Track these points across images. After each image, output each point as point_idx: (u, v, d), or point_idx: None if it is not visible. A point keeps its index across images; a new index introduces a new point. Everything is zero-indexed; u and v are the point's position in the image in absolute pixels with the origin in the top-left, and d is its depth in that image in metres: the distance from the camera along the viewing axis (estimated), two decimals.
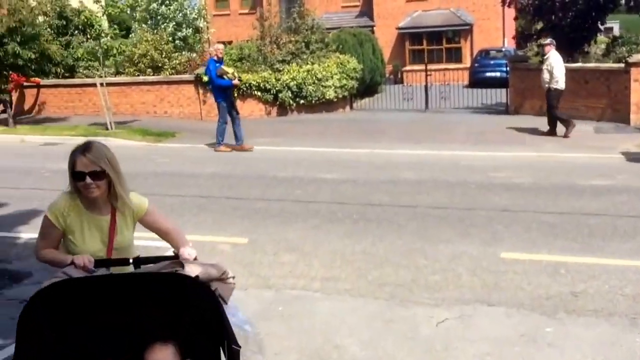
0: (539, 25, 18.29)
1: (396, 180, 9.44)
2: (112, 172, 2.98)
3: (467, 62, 30.15)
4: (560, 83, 12.95)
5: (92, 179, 2.94)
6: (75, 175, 2.97)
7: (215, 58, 11.97)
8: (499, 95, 18.48)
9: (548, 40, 13.88)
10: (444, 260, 5.96)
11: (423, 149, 12.11)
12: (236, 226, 7.24)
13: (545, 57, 13.32)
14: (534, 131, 13.66)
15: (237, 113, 12.26)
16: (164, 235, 3.20)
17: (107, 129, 14.79)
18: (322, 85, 17.69)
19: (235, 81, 11.99)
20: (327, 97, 17.80)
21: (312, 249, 6.42)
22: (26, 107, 19.01)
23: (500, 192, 8.44)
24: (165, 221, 3.24)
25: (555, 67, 12.92)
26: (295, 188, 9.03)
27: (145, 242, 6.58)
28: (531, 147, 12.15)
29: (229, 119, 12.07)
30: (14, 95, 18.19)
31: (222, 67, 11.86)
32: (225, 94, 12.02)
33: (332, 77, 17.83)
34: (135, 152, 12.63)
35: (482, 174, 9.70)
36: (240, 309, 2.99)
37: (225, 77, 11.74)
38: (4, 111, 16.51)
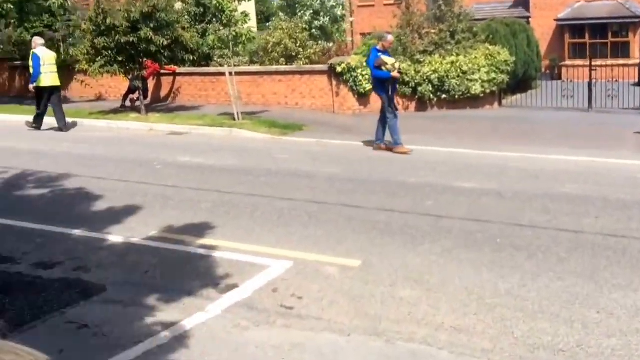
0: None
1: (553, 194, 7.61)
2: None
3: (635, 57, 26.73)
4: None
5: None
6: None
7: (380, 47, 10.81)
8: None
9: None
10: (623, 316, 4.32)
11: (587, 156, 10.04)
12: (349, 243, 5.98)
13: None
14: None
15: (395, 110, 10.88)
16: None
17: (234, 119, 14.14)
18: (468, 79, 15.90)
19: (395, 73, 10.71)
20: (473, 92, 15.98)
21: (439, 282, 5.01)
22: (162, 94, 19.04)
23: None
24: None
25: None
26: (426, 198, 7.53)
27: (233, 255, 5.46)
28: None
29: (392, 113, 10.76)
30: (151, 83, 18.22)
31: (382, 56, 10.61)
32: (383, 87, 10.82)
33: (479, 70, 15.99)
34: (257, 145, 11.76)
35: None
36: None
37: (383, 68, 10.54)
38: (139, 98, 16.48)
